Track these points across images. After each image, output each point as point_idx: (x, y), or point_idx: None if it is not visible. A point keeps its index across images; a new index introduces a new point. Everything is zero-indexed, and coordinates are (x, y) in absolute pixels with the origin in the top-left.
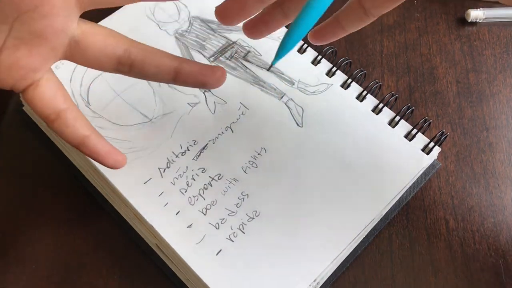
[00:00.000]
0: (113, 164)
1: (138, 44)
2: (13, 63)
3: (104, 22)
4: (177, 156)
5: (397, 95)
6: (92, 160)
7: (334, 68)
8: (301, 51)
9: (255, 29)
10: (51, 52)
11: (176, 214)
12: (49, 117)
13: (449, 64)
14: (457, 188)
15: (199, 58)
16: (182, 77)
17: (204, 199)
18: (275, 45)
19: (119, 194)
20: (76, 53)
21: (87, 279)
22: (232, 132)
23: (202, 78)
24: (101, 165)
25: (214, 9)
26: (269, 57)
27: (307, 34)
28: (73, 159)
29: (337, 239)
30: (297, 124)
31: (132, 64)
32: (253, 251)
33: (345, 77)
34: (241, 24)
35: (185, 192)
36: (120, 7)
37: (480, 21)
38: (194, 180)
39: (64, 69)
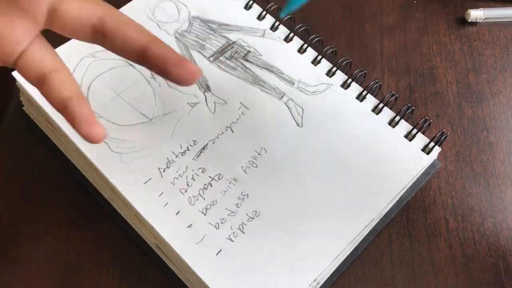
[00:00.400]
0: (85, 133)
1: (114, 14)
2: None
3: None
4: (177, 156)
5: (397, 95)
6: (92, 160)
7: (334, 68)
8: (301, 51)
9: None
10: (32, 22)
11: (176, 214)
12: (37, 81)
13: (449, 64)
14: (457, 188)
15: (199, 58)
16: (147, 58)
17: (204, 199)
18: (275, 44)
19: (119, 194)
20: (54, 21)
21: (87, 279)
22: (232, 132)
23: (169, 67)
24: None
25: None
26: (269, 57)
27: None
28: (73, 159)
29: (337, 239)
30: (297, 124)
31: (105, 34)
32: (253, 251)
33: (345, 77)
34: (240, 24)
35: (185, 192)
36: (120, 6)
37: (480, 21)
38: (194, 180)
39: None
